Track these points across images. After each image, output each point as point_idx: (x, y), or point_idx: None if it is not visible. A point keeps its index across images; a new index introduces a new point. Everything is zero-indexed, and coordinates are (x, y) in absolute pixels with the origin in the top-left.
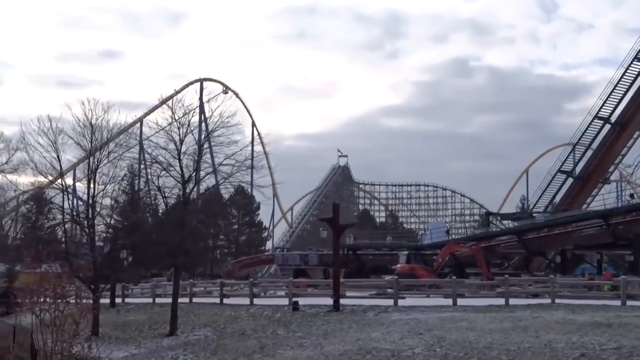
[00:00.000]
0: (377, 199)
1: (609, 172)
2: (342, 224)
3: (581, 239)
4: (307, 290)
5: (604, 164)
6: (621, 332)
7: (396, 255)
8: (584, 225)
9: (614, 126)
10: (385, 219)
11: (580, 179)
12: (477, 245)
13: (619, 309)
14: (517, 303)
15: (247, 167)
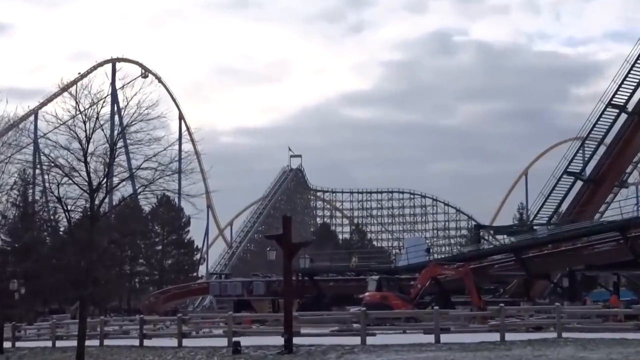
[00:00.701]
0: (339, 210)
1: (626, 173)
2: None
3: (594, 257)
4: (252, 328)
5: (621, 162)
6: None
7: (364, 281)
8: (596, 240)
9: (631, 116)
10: (350, 235)
11: (592, 182)
12: (465, 266)
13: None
14: (516, 338)
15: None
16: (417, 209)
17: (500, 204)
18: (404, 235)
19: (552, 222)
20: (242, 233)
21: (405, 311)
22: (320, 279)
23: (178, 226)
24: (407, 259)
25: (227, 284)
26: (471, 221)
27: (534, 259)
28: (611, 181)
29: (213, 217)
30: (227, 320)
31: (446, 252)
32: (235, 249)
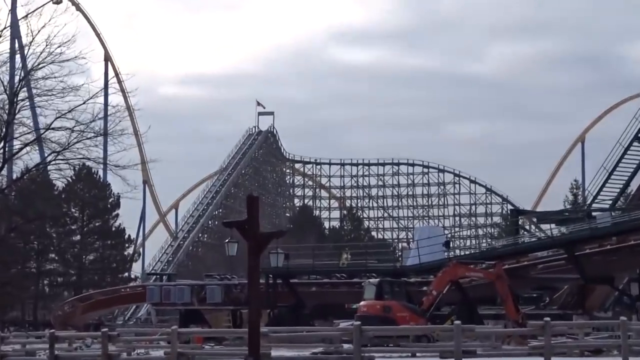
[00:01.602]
0: (325, 188)
1: None
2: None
3: None
4: (204, 348)
5: None
6: None
7: (359, 286)
8: None
9: None
10: (339, 222)
11: None
12: (498, 267)
13: None
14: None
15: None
16: (433, 188)
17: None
18: (414, 223)
19: (618, 207)
20: (192, 219)
21: (416, 327)
22: (298, 283)
23: (103, 209)
24: (419, 255)
25: (171, 289)
26: (506, 205)
27: (592, 258)
28: None
29: (152, 196)
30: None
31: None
32: (182, 240)
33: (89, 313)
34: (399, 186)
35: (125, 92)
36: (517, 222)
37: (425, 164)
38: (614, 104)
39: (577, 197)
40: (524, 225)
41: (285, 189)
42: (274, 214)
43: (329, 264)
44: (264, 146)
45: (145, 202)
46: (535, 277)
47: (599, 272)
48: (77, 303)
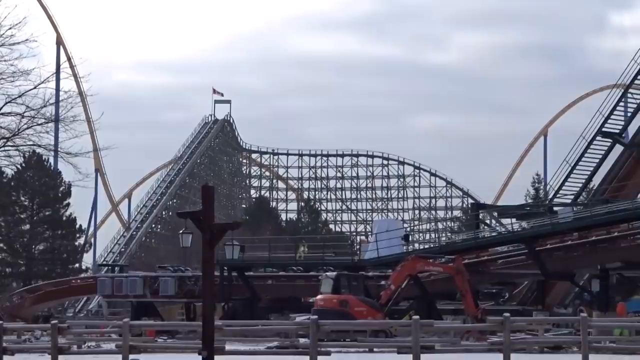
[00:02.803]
0: (282, 179)
1: None
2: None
3: (635, 252)
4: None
5: None
6: None
7: (316, 280)
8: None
9: None
10: (297, 214)
11: (635, 148)
12: (458, 261)
13: None
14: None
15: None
16: (392, 180)
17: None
18: (372, 216)
19: (580, 202)
20: (145, 209)
21: (373, 321)
22: (254, 276)
23: (54, 197)
24: (377, 249)
25: (123, 280)
26: (467, 198)
27: (553, 253)
28: None
29: (104, 185)
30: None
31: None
32: (135, 231)
33: (38, 305)
34: (357, 178)
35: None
36: (477, 216)
37: (385, 156)
38: (578, 98)
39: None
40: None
41: (242, 180)
42: (230, 205)
43: (285, 256)
44: (220, 135)
45: (97, 191)
46: (495, 272)
47: (559, 267)
48: (25, 294)
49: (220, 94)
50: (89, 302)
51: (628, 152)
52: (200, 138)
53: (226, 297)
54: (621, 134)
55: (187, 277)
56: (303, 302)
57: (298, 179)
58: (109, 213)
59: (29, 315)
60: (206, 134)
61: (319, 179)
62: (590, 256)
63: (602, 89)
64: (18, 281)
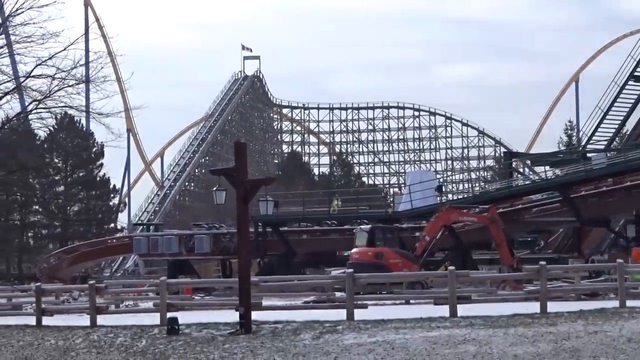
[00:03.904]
0: (314, 134)
1: None
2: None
3: None
4: (193, 299)
5: None
6: None
7: (350, 233)
8: None
9: None
10: (329, 168)
11: None
12: (492, 210)
13: None
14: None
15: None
16: (424, 132)
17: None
18: (405, 168)
19: (613, 148)
20: (178, 168)
21: (409, 273)
22: (289, 231)
23: (87, 158)
24: (411, 201)
25: (158, 239)
26: (499, 147)
27: (587, 200)
28: None
29: (136, 145)
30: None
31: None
32: (169, 190)
33: (75, 265)
34: (389, 130)
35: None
36: (510, 165)
37: (416, 107)
38: (608, 43)
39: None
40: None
41: (273, 135)
42: (262, 161)
43: (319, 211)
44: (250, 91)
45: (129, 151)
46: (530, 220)
47: (594, 214)
48: (62, 255)
49: (249, 50)
50: (125, 262)
51: None
52: (230, 95)
53: (261, 253)
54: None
55: (222, 234)
56: (338, 256)
57: (329, 133)
58: (142, 172)
59: (66, 276)
60: (236, 90)
61: (350, 132)
62: (625, 201)
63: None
64: (54, 243)
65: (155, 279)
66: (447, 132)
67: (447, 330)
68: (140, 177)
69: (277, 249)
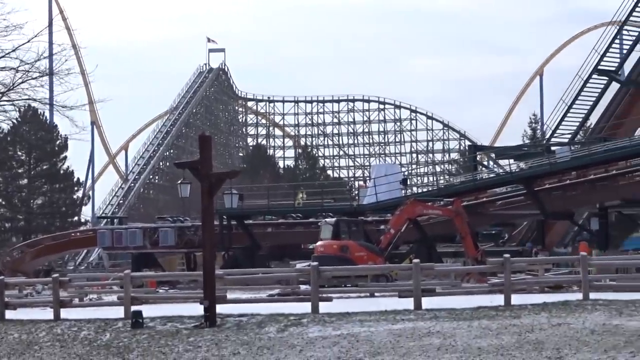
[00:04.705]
0: (279, 127)
1: None
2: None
3: (634, 189)
4: (158, 292)
5: None
6: None
7: (315, 226)
8: (638, 166)
9: None
10: (294, 161)
11: (632, 85)
12: (457, 203)
13: None
14: (526, 302)
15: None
16: (389, 124)
17: (504, 116)
18: (370, 161)
19: (577, 141)
20: (142, 161)
21: (374, 266)
22: (253, 224)
23: (51, 151)
24: (376, 194)
25: (122, 233)
26: (464, 140)
27: (551, 193)
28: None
29: (100, 138)
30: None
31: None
32: (133, 183)
33: (39, 259)
34: (354, 123)
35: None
36: (475, 158)
37: (381, 100)
38: (572, 36)
39: (535, 131)
40: (482, 161)
41: (238, 128)
42: (227, 154)
43: (284, 204)
44: (216, 84)
45: (93, 144)
46: (494, 213)
47: (558, 207)
48: (26, 249)
49: (215, 42)
50: (89, 255)
51: (624, 90)
52: (195, 88)
53: (226, 246)
54: (617, 72)
55: (187, 227)
56: (303, 249)
57: (295, 126)
58: (106, 165)
59: (30, 270)
60: (201, 83)
61: (315, 125)
62: (589, 195)
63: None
64: (18, 236)
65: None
66: (412, 125)
67: (411, 322)
68: (105, 170)
69: (242, 242)
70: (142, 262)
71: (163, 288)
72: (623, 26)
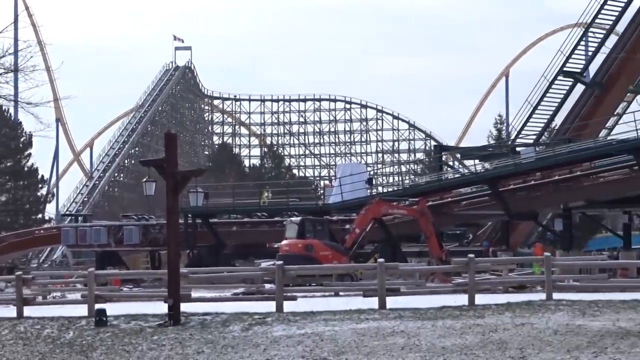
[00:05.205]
0: (245, 126)
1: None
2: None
3: (598, 191)
4: (122, 290)
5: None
6: None
7: (280, 225)
8: (602, 167)
9: None
10: (260, 160)
11: (597, 87)
12: (422, 203)
13: None
14: (490, 302)
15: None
16: (355, 124)
17: (470, 117)
18: (336, 160)
19: (542, 142)
20: (107, 158)
21: (339, 265)
22: (219, 222)
23: (15, 148)
24: (341, 193)
25: (87, 230)
26: (430, 140)
27: (516, 193)
28: (623, 85)
29: (65, 135)
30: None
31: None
32: (98, 180)
33: (2, 256)
34: (320, 122)
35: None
36: (440, 158)
37: (347, 100)
38: (538, 38)
39: (501, 132)
40: (447, 161)
41: (204, 126)
42: (193, 152)
43: (249, 202)
44: (182, 82)
45: (58, 141)
46: (459, 213)
47: (523, 208)
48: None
49: (181, 40)
50: (53, 253)
51: (589, 91)
52: (161, 85)
53: (191, 245)
54: (582, 73)
55: (152, 226)
56: (268, 248)
57: (261, 125)
58: (71, 163)
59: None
60: (167, 81)
61: (281, 124)
62: (553, 196)
63: (563, 29)
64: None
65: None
66: (378, 125)
67: (376, 322)
68: (69, 168)
69: (207, 241)
70: (106, 260)
71: (127, 286)
72: (589, 28)
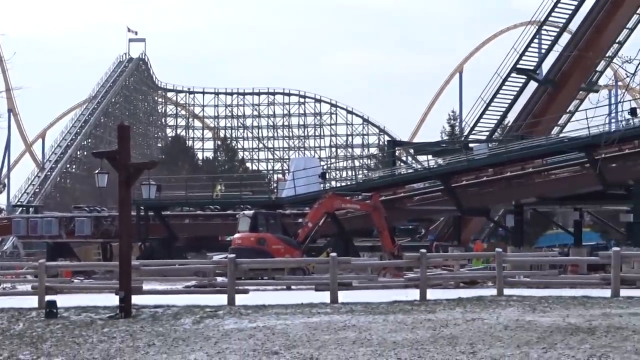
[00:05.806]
0: (198, 118)
1: (596, 72)
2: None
3: (549, 187)
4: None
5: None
6: (610, 341)
7: (233, 218)
8: (554, 164)
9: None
10: (213, 153)
11: (550, 84)
12: (375, 198)
13: (607, 303)
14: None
15: None
16: (309, 118)
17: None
18: (289, 154)
19: (495, 139)
20: (60, 149)
21: (291, 259)
22: (171, 215)
23: None
24: (294, 187)
25: (38, 221)
26: (383, 136)
27: (468, 189)
28: (576, 83)
29: (17, 126)
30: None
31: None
32: (50, 171)
33: None
34: (274, 116)
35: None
36: (393, 154)
37: (301, 94)
38: (492, 35)
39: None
40: (400, 156)
41: (157, 119)
42: (146, 144)
43: (202, 195)
44: (135, 74)
45: (10, 132)
46: (412, 208)
47: (475, 203)
48: None
49: (135, 33)
50: (4, 244)
51: (542, 89)
52: (115, 77)
53: (143, 237)
54: (535, 71)
55: (104, 217)
56: (220, 241)
57: (214, 118)
58: (22, 153)
59: None
60: (121, 72)
61: (235, 117)
62: (505, 192)
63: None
64: None
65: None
66: (332, 119)
67: (327, 316)
68: (21, 158)
69: (159, 233)
70: (57, 252)
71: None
72: (542, 26)
